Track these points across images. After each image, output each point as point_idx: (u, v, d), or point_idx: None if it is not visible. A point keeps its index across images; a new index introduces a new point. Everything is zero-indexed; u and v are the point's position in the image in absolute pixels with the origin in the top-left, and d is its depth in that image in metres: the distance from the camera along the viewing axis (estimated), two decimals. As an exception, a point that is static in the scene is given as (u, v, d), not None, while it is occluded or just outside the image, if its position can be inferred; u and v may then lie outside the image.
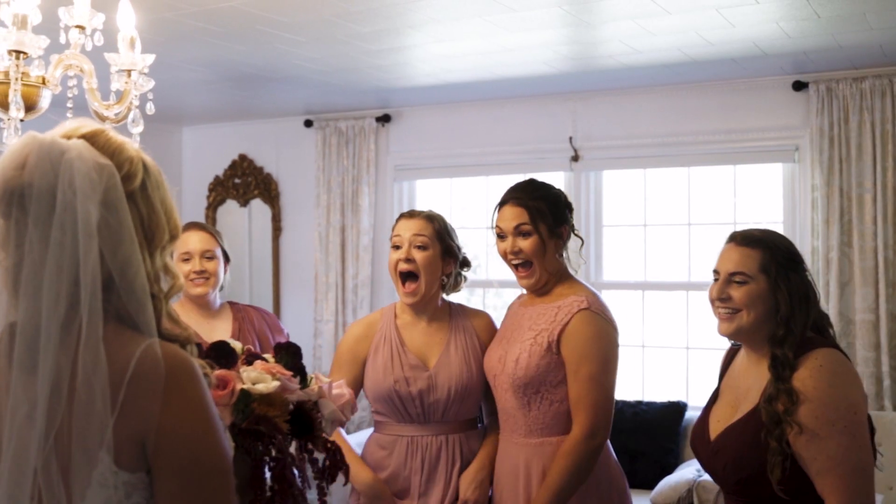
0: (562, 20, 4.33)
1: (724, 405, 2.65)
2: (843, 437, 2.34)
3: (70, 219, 1.48)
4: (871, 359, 5.30)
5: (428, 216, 3.29)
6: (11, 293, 1.52)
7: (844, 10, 4.15)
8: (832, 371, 2.40)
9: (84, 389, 1.45)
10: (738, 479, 2.47)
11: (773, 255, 2.52)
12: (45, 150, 1.52)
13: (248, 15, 4.17)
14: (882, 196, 5.31)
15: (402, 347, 3.26)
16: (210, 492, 1.52)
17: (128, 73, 2.53)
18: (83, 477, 1.45)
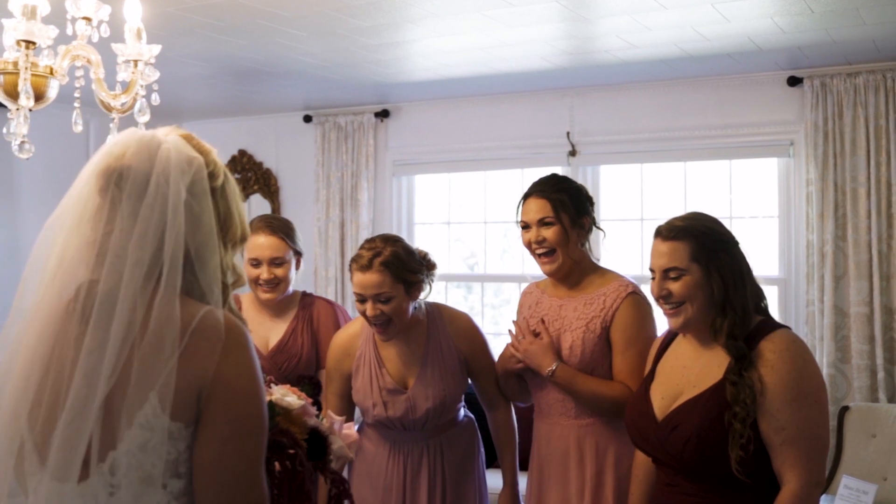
0: (559, 15, 4.38)
1: (665, 385, 2.70)
2: (814, 411, 2.44)
3: (160, 199, 1.67)
4: (866, 351, 5.34)
5: (383, 264, 3.20)
6: (94, 260, 1.68)
7: (838, 5, 4.20)
8: (802, 349, 2.53)
9: (154, 338, 1.61)
10: (701, 457, 2.48)
11: (699, 242, 2.59)
12: (145, 140, 1.74)
13: (250, 9, 4.21)
14: (876, 190, 5.35)
15: (379, 370, 3.33)
16: (253, 444, 1.66)
17: (134, 64, 2.58)
18: (127, 418, 1.58)
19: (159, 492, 1.60)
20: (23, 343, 1.69)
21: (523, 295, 3.48)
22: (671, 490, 2.63)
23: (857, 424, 5.04)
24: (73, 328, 1.66)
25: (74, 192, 1.76)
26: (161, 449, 1.59)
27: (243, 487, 1.64)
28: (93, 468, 1.58)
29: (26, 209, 6.67)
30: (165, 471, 1.60)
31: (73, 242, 1.71)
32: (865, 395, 5.30)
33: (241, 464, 1.63)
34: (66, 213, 1.75)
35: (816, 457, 2.44)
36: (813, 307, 5.52)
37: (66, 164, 6.60)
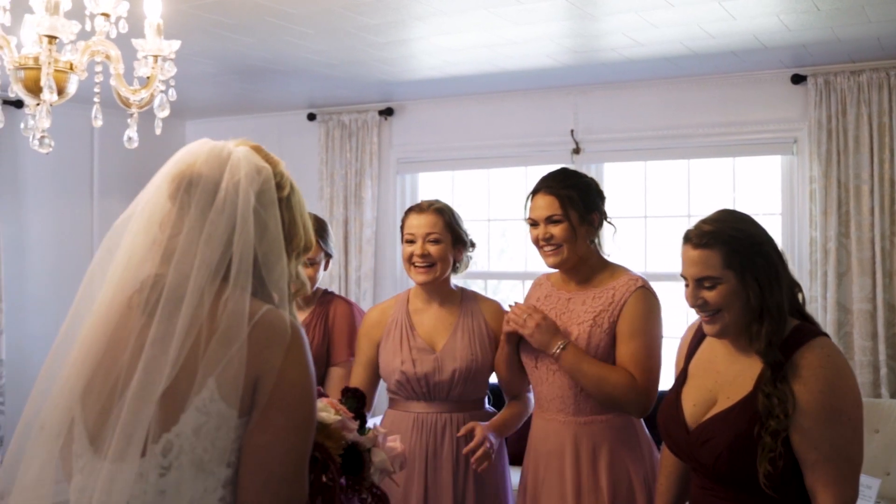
0: (567, 12, 4.41)
1: (698, 389, 2.62)
2: (847, 429, 2.37)
3: (229, 206, 1.77)
4: (868, 348, 5.38)
5: (437, 210, 3.45)
6: (159, 258, 1.79)
7: (844, 3, 4.23)
8: (839, 364, 2.42)
9: (224, 329, 1.70)
10: (733, 470, 2.44)
11: (731, 247, 2.46)
12: (215, 150, 1.85)
13: (260, 6, 4.24)
14: (879, 187, 5.39)
15: (411, 331, 3.42)
16: (303, 439, 1.75)
17: (154, 59, 2.61)
18: (183, 401, 1.65)
19: (208, 478, 1.66)
20: (82, 331, 1.79)
21: (534, 286, 3.48)
22: (705, 493, 2.60)
23: (861, 420, 5.07)
24: (136, 319, 1.76)
25: (145, 195, 1.86)
26: (214, 434, 1.66)
27: (289, 479, 1.70)
28: (148, 447, 1.64)
29: (32, 206, 6.70)
30: (215, 457, 1.66)
31: (140, 241, 1.81)
32: (868, 391, 5.34)
33: (290, 455, 1.70)
34: (136, 215, 1.84)
35: (849, 476, 2.37)
36: (816, 304, 5.54)
37: (71, 161, 6.66)
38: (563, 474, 3.16)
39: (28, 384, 6.65)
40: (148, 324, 1.72)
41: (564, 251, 3.19)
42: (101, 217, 7.19)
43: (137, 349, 1.70)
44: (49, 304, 6.80)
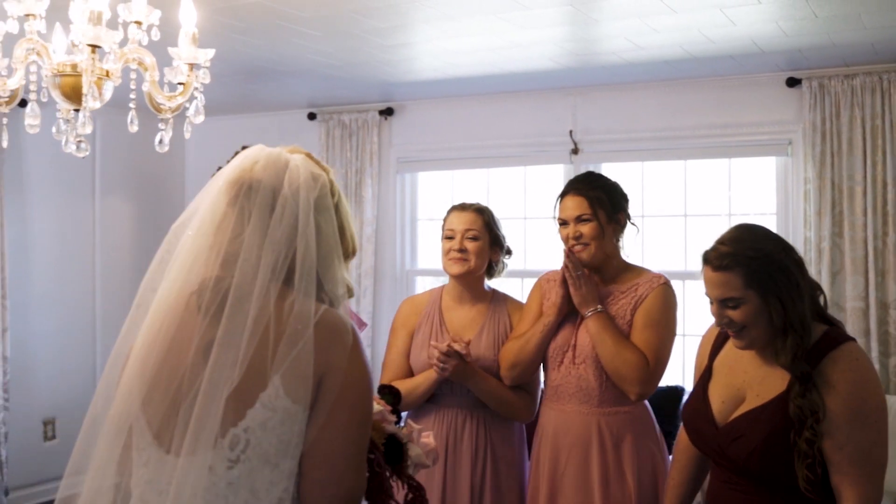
0: (571, 17, 4.51)
1: (725, 386, 2.68)
2: (872, 432, 2.45)
3: (289, 212, 1.84)
4: (861, 345, 5.47)
5: (478, 209, 3.58)
6: (216, 261, 1.85)
7: (841, 11, 4.35)
8: (866, 369, 2.50)
9: (285, 329, 1.78)
10: (766, 467, 2.51)
11: (751, 269, 2.52)
12: (273, 157, 1.92)
13: (270, 10, 4.32)
14: (872, 189, 5.52)
15: (441, 327, 3.55)
16: (362, 433, 1.85)
17: (190, 67, 2.70)
18: (250, 398, 1.73)
19: (274, 470, 1.74)
20: (142, 331, 1.85)
21: (547, 282, 3.55)
22: (730, 487, 2.66)
23: (854, 415, 5.20)
24: (197, 320, 1.82)
25: (204, 199, 1.92)
26: (279, 429, 1.74)
27: (350, 471, 1.80)
28: (216, 441, 1.72)
29: (35, 204, 6.77)
30: (280, 450, 1.75)
31: (200, 244, 1.87)
32: (861, 388, 5.47)
33: (351, 448, 1.80)
34: (195, 218, 1.90)
35: (873, 476, 2.45)
36: (810, 302, 5.67)
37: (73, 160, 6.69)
38: (588, 464, 3.27)
39: (32, 380, 6.76)
40: (212, 324, 1.79)
41: (592, 248, 3.34)
42: (103, 215, 7.26)
43: (203, 349, 1.78)
44: (52, 301, 6.89)
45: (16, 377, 6.53)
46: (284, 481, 1.76)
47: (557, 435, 3.37)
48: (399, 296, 7.00)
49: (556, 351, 3.39)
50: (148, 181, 7.44)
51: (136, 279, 6.55)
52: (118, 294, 7.30)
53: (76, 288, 7.10)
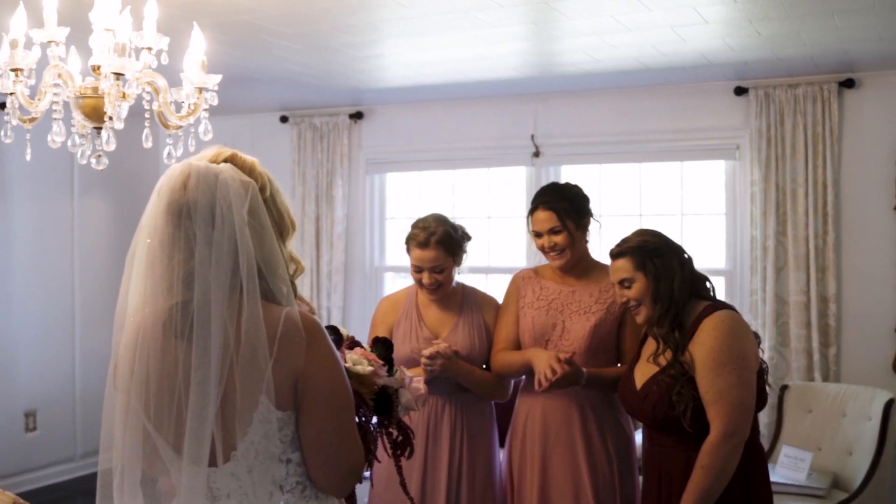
0: (534, 34, 4.85)
1: (645, 363, 3.29)
2: (732, 376, 3.05)
3: (228, 225, 1.94)
4: (803, 336, 5.89)
5: (438, 242, 3.80)
6: (173, 283, 1.96)
7: (782, 30, 4.71)
8: (731, 326, 3.13)
9: (248, 348, 1.92)
10: (664, 415, 3.13)
11: (639, 254, 3.28)
12: (202, 173, 1.98)
13: (258, 27, 4.61)
14: (813, 191, 5.88)
15: (419, 322, 3.89)
16: (345, 417, 2.06)
17: (199, 91, 3.00)
18: (246, 417, 1.95)
19: (287, 465, 2.02)
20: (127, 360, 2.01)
21: (522, 280, 3.89)
22: (652, 443, 3.30)
23: (795, 401, 5.60)
24: (175, 343, 1.97)
25: (150, 225, 2.00)
26: (279, 434, 1.98)
27: (344, 453, 2.06)
28: (231, 454, 1.97)
29: (16, 203, 6.99)
30: (285, 448, 2.00)
31: (156, 270, 1.98)
32: (803, 375, 5.85)
33: (338, 436, 2.04)
34: (143, 245, 2.00)
35: (732, 413, 3.03)
36: (756, 296, 6.06)
37: (53, 161, 6.93)
38: (574, 438, 3.64)
39: (15, 373, 7.04)
40: (189, 348, 1.94)
41: (567, 254, 3.70)
42: (81, 213, 7.50)
43: (184, 372, 1.94)
44: (33, 296, 7.11)
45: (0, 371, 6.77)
46: (297, 469, 2.03)
47: (546, 415, 3.71)
48: (368, 291, 7.31)
49: (537, 341, 3.73)
50: (124, 181, 7.64)
51: (113, 275, 6.96)
52: (96, 290, 7.54)
53: (56, 284, 7.32)
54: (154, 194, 2.02)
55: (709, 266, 6.42)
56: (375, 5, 4.26)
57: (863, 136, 5.91)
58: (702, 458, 3.04)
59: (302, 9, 4.31)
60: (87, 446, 7.51)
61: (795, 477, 5.01)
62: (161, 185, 2.01)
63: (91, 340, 7.52)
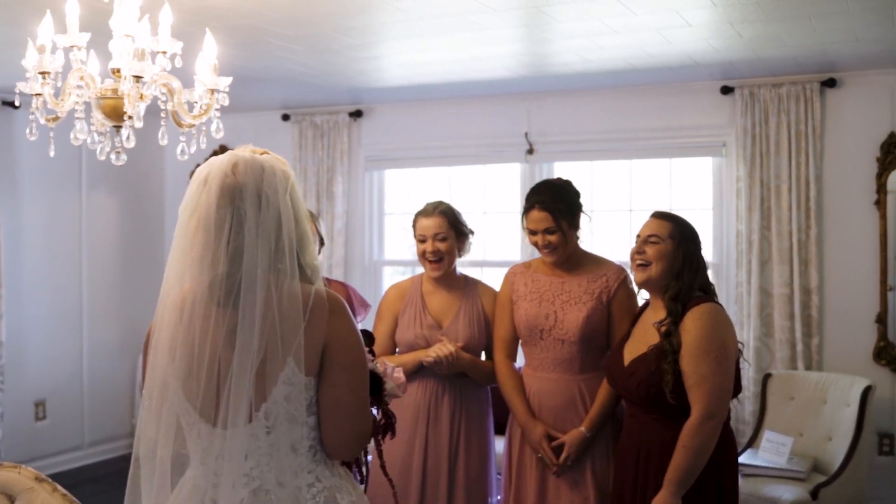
0: (526, 36, 5.07)
1: (635, 342, 3.55)
2: (713, 364, 3.30)
3: (273, 208, 2.17)
4: (787, 327, 6.11)
5: (441, 212, 4.11)
6: (219, 258, 2.16)
7: (763, 32, 4.94)
8: (714, 318, 3.39)
9: (286, 315, 2.14)
10: (648, 392, 3.38)
11: (680, 228, 3.50)
12: (248, 161, 2.22)
13: (262, 30, 4.84)
14: (796, 186, 6.10)
15: (423, 310, 4.14)
16: (361, 384, 2.28)
17: (211, 92, 3.23)
18: (273, 378, 2.16)
19: (302, 427, 2.21)
20: (162, 325, 2.20)
21: (514, 274, 4.11)
22: (633, 419, 3.54)
23: (778, 389, 5.82)
24: (218, 312, 2.16)
25: (200, 204, 2.19)
26: (300, 397, 2.19)
27: (357, 417, 2.26)
28: (253, 416, 2.16)
29: (27, 199, 7.22)
30: (302, 412, 2.20)
31: (206, 246, 2.17)
32: (786, 364, 6.07)
33: (354, 397, 2.25)
34: (197, 223, 2.19)
35: (712, 397, 3.29)
36: (742, 288, 6.27)
37: (62, 158, 7.15)
38: (574, 418, 3.85)
39: (25, 364, 7.28)
40: (233, 315, 2.14)
41: (560, 252, 3.90)
42: (89, 209, 7.72)
43: (227, 336, 2.14)
44: (43, 289, 7.33)
45: (10, 361, 6.99)
46: (311, 433, 2.23)
47: (548, 399, 3.92)
48: (368, 284, 7.53)
49: (532, 331, 3.94)
50: (130, 177, 7.86)
51: (120, 269, 7.24)
52: (103, 283, 7.80)
53: (65, 277, 7.55)
54: (196, 182, 2.22)
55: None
56: (374, 9, 4.48)
57: (844, 133, 6.12)
58: (684, 439, 3.28)
59: (304, 13, 4.53)
60: (95, 435, 7.76)
61: (777, 461, 5.24)
62: (206, 172, 2.21)
63: (98, 333, 7.76)
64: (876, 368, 6.01)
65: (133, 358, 8.07)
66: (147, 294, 8.20)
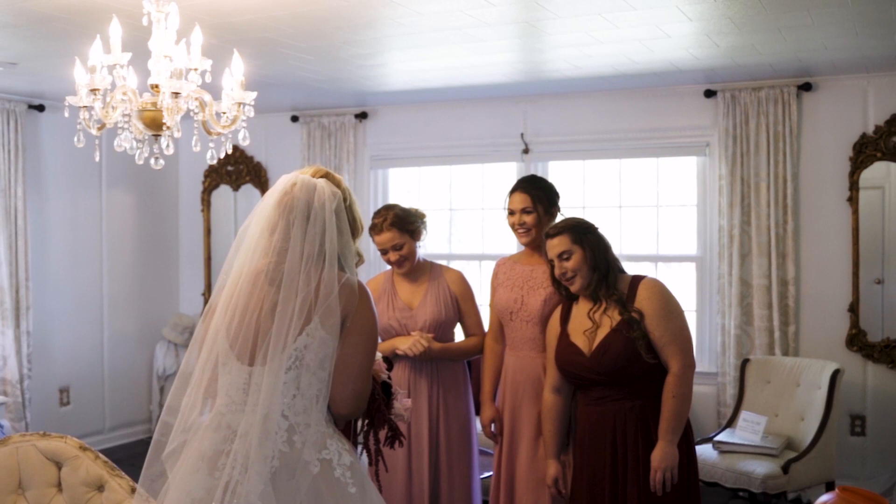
0: (519, 46, 5.48)
1: (580, 335, 3.88)
2: (678, 319, 3.77)
3: (319, 220, 2.71)
4: (766, 315, 6.49)
5: (391, 224, 4.50)
6: (273, 252, 2.71)
7: (737, 42, 5.34)
8: (661, 286, 3.86)
9: (322, 292, 2.65)
10: (627, 363, 3.72)
11: (574, 231, 3.89)
12: (305, 182, 2.76)
13: (276, 42, 5.25)
14: (774, 184, 6.48)
15: (394, 296, 4.62)
16: (370, 350, 2.77)
17: (238, 105, 3.65)
18: (298, 329, 2.64)
19: (313, 376, 2.67)
20: (224, 296, 2.76)
21: (498, 266, 4.57)
22: (602, 402, 3.84)
23: (755, 373, 6.23)
24: (265, 288, 2.71)
25: (261, 211, 2.78)
26: (317, 350, 2.66)
27: (360, 376, 2.73)
28: (279, 357, 2.64)
29: (52, 196, 7.65)
30: (318, 364, 2.66)
31: (261, 242, 2.75)
32: (765, 350, 6.47)
33: (361, 361, 2.73)
34: (255, 224, 2.77)
35: (686, 348, 3.75)
36: (723, 280, 6.66)
37: (82, 160, 7.57)
38: (537, 392, 4.27)
39: (51, 353, 7.76)
40: (277, 291, 2.67)
41: (533, 233, 4.35)
42: (109, 206, 8.16)
43: (270, 308, 2.67)
44: (66, 282, 7.77)
45: (37, 350, 7.42)
46: (319, 383, 2.68)
47: (516, 375, 4.37)
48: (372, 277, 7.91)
49: (504, 314, 4.40)
50: (147, 176, 8.30)
51: (138, 263, 7.76)
52: (122, 276, 8.24)
53: (86, 271, 7.99)
54: (269, 194, 2.79)
55: (682, 252, 7.06)
56: (379, 25, 4.89)
57: (819, 134, 6.50)
58: (672, 390, 3.70)
59: (315, 28, 4.94)
60: (115, 420, 8.21)
61: (752, 438, 5.65)
62: (276, 187, 2.79)
63: (117, 324, 8.20)
64: (849, 354, 6.40)
65: (150, 347, 8.52)
66: (163, 286, 8.66)
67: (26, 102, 7.23)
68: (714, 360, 6.82)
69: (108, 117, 3.54)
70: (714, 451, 5.71)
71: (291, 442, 2.63)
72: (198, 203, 8.82)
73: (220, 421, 2.70)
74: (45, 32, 4.94)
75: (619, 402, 3.80)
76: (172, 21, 3.54)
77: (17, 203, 7.13)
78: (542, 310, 4.28)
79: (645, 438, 3.76)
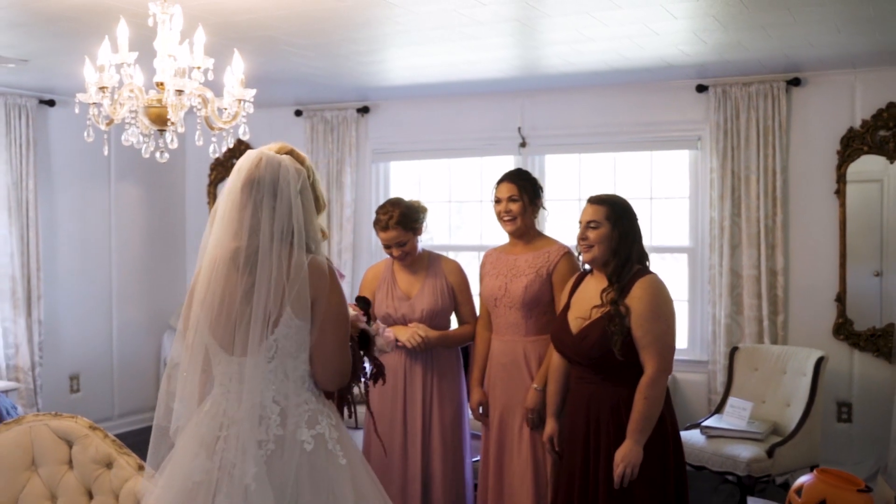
0: (515, 44, 5.66)
1: (578, 310, 3.98)
2: (662, 325, 3.82)
3: (285, 197, 2.76)
4: (755, 305, 6.65)
5: (396, 223, 4.69)
6: (239, 232, 2.76)
7: (724, 40, 5.50)
8: (658, 287, 3.89)
9: (292, 276, 2.73)
10: (602, 352, 3.82)
11: (614, 208, 3.94)
12: (270, 158, 2.80)
13: (279, 40, 5.43)
14: (764, 177, 6.62)
15: (394, 285, 4.82)
16: (342, 332, 2.87)
17: (239, 102, 3.84)
18: (275, 320, 2.75)
19: (295, 360, 2.80)
20: (200, 281, 2.84)
21: (486, 256, 4.82)
22: (581, 381, 4.02)
23: (744, 361, 6.41)
24: (237, 274, 2.76)
25: (229, 192, 2.79)
26: (295, 336, 2.77)
27: (337, 356, 2.86)
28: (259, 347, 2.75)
29: (62, 189, 7.85)
30: (297, 348, 2.79)
31: (232, 219, 2.77)
32: (754, 339, 6.63)
33: (336, 343, 2.84)
34: (223, 205, 2.80)
35: (665, 354, 3.82)
36: (714, 270, 6.82)
37: (91, 154, 7.76)
38: (520, 376, 4.52)
39: (61, 341, 7.98)
40: (251, 276, 2.72)
41: (518, 221, 4.56)
42: (117, 199, 8.36)
43: (245, 293, 2.73)
44: (76, 272, 7.98)
45: (48, 338, 7.63)
46: (303, 366, 2.82)
47: (500, 357, 4.60)
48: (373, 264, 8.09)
49: (489, 299, 4.63)
50: (154, 169, 8.37)
51: (145, 254, 7.98)
52: (130, 267, 8.45)
53: (96, 262, 8.20)
54: (234, 171, 2.81)
55: (675, 244, 7.23)
56: (377, 23, 5.08)
57: (808, 128, 6.65)
58: (644, 391, 3.78)
59: (315, 26, 5.12)
60: (123, 407, 8.42)
61: (738, 423, 5.82)
62: (240, 164, 2.81)
63: (126, 313, 8.42)
64: (835, 343, 6.56)
65: (158, 336, 8.72)
66: (170, 277, 8.85)
67: (37, 98, 7.42)
68: (705, 349, 6.98)
69: (116, 113, 3.74)
70: (702, 436, 5.87)
71: (286, 425, 2.76)
72: (204, 195, 8.99)
73: (216, 408, 2.81)
74: (56, 31, 5.14)
75: (594, 387, 3.93)
76: (177, 22, 3.74)
77: (28, 196, 7.32)
78: (523, 295, 4.49)
79: (616, 427, 3.87)
